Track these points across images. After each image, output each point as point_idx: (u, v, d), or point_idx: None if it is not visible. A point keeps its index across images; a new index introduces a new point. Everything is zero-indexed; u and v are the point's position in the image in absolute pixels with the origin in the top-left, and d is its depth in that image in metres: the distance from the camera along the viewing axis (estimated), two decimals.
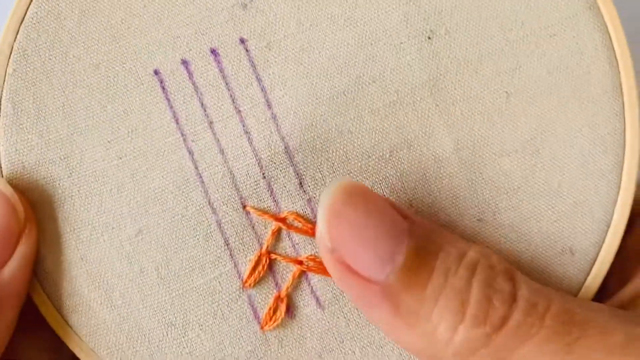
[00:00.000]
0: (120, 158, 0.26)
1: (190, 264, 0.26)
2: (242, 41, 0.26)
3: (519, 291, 0.23)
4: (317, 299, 0.26)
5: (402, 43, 0.26)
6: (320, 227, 0.23)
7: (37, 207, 0.26)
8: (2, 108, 0.26)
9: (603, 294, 0.27)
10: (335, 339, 0.26)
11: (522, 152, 0.26)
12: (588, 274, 0.26)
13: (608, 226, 0.26)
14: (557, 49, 0.26)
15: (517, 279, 0.24)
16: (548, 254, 0.26)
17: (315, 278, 0.26)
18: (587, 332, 0.23)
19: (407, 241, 0.23)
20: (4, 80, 0.26)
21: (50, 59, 0.26)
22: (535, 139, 0.26)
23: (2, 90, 0.26)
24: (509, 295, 0.23)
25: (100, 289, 0.26)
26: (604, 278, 0.27)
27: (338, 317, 0.26)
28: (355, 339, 0.26)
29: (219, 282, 0.26)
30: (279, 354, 0.26)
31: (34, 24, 0.26)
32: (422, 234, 0.24)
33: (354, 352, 0.26)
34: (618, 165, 0.26)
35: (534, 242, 0.26)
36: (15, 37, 0.26)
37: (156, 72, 0.26)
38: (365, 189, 0.24)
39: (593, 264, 0.26)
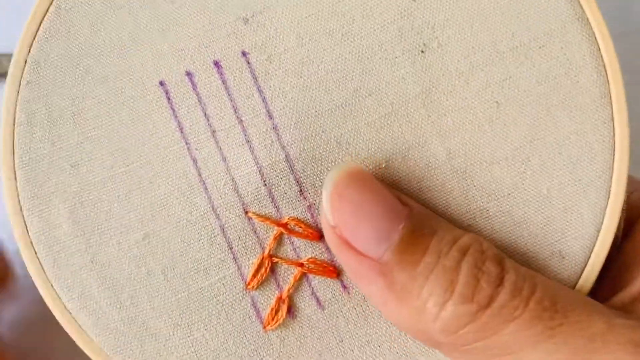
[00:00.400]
0: (128, 165, 0.27)
1: (195, 267, 0.27)
2: (244, 54, 0.27)
3: (506, 274, 0.24)
4: (318, 300, 0.27)
5: (396, 57, 0.27)
6: (324, 204, 0.25)
7: (50, 213, 0.27)
8: (16, 117, 0.27)
9: (595, 298, 0.28)
10: (335, 338, 0.27)
11: (512, 160, 0.27)
12: (579, 278, 0.27)
13: (598, 231, 0.27)
14: (546, 59, 0.27)
15: (505, 264, 0.25)
16: (538, 257, 0.27)
17: (315, 280, 0.27)
18: (568, 318, 0.24)
19: (405, 222, 0.25)
20: (19, 92, 0.27)
21: (61, 71, 0.27)
22: (524, 146, 0.27)
23: (17, 101, 0.27)
24: (496, 278, 0.24)
25: (109, 290, 0.27)
26: (595, 281, 0.28)
27: (337, 317, 0.27)
28: (354, 337, 0.28)
29: (223, 284, 0.27)
30: (280, 353, 0.27)
31: (47, 37, 0.27)
32: (419, 218, 0.25)
33: (352, 350, 0.28)
34: (607, 171, 0.27)
35: (525, 246, 0.27)
36: (29, 50, 0.27)
37: (162, 83, 0.27)
38: (367, 174, 0.26)
39: (584, 267, 0.27)
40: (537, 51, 0.27)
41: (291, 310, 0.27)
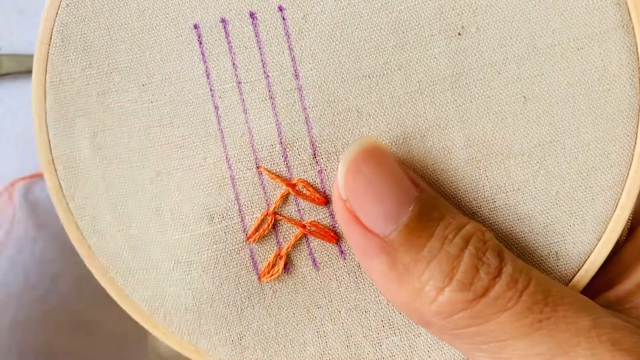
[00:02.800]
0: (152, 102, 0.28)
1: (200, 212, 0.28)
2: (281, 9, 0.27)
3: (504, 267, 0.25)
4: (314, 260, 0.28)
5: (432, 35, 0.27)
6: (339, 177, 0.26)
7: (72, 135, 0.28)
8: (52, 39, 0.28)
9: (587, 291, 0.28)
10: (325, 297, 0.29)
11: (528, 157, 0.27)
12: (569, 281, 0.28)
13: (598, 240, 0.27)
14: (581, 62, 0.27)
15: (505, 256, 0.26)
16: (534, 255, 0.28)
17: (315, 242, 0.28)
18: (557, 313, 0.25)
19: (414, 205, 0.25)
20: (57, 13, 0.28)
21: (100, 1, 0.27)
22: (543, 145, 0.27)
23: (54, 22, 0.28)
24: (495, 269, 0.25)
25: (120, 218, 0.28)
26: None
27: (331, 279, 0.29)
28: (343, 300, 0.29)
29: (225, 232, 0.28)
30: (271, 303, 0.29)
31: None
32: (428, 202, 0.26)
33: (339, 311, 0.29)
34: (619, 183, 0.27)
35: (524, 242, 0.28)
36: None
37: (196, 27, 0.27)
38: (386, 152, 0.26)
39: (577, 272, 0.28)
40: (574, 52, 0.27)
41: (287, 267, 0.28)
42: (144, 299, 0.29)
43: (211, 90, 0.28)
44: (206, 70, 0.28)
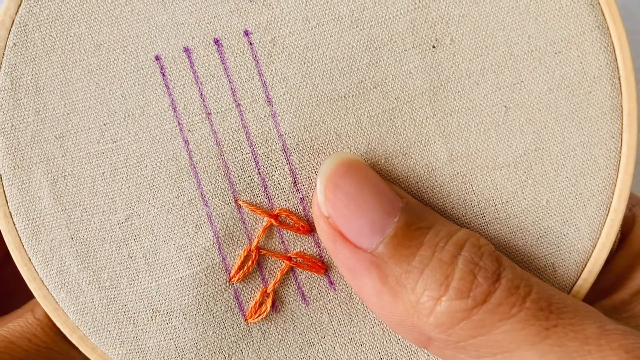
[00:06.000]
0: (115, 142, 0.26)
1: (178, 254, 0.26)
2: (247, 34, 0.26)
3: (503, 271, 0.24)
4: (303, 295, 0.27)
5: (406, 50, 0.26)
6: (319, 194, 0.25)
7: (30, 184, 0.26)
8: (1, 82, 0.26)
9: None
10: (317, 334, 0.27)
11: (515, 167, 0.26)
12: (569, 292, 0.27)
13: (594, 246, 0.27)
14: (560, 66, 0.26)
15: (502, 261, 0.24)
16: (531, 268, 0.27)
17: (302, 274, 0.27)
18: (563, 320, 0.24)
19: (400, 215, 0.24)
20: (3, 54, 0.26)
21: (51, 35, 0.26)
22: (528, 154, 0.26)
23: (1, 64, 0.26)
24: (493, 274, 0.24)
25: (89, 270, 0.26)
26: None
27: (322, 313, 0.27)
28: (337, 335, 0.27)
29: (206, 274, 0.26)
30: (261, 346, 0.27)
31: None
32: (415, 212, 0.25)
33: (334, 347, 0.27)
34: (609, 186, 0.27)
35: (518, 255, 0.27)
36: (17, 10, 0.26)
37: (157, 58, 0.26)
38: (363, 164, 0.25)
39: (575, 282, 0.27)
40: (552, 57, 0.26)
41: (275, 304, 0.27)
42: (121, 355, 0.26)
43: (179, 124, 0.26)
44: (172, 104, 0.26)
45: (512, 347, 0.23)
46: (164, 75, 0.26)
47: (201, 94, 0.26)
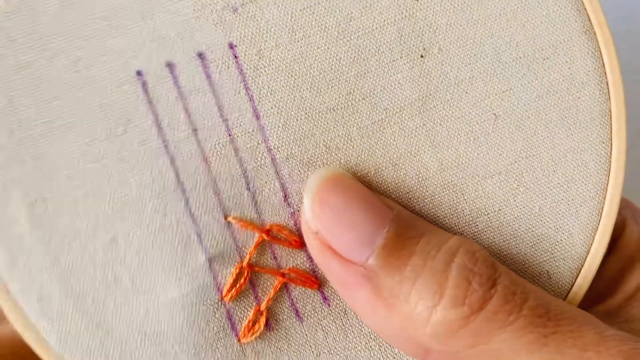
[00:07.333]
0: (97, 161, 0.25)
1: (167, 275, 0.25)
2: (231, 46, 0.25)
3: (499, 277, 0.24)
4: (297, 311, 0.26)
5: (394, 60, 0.26)
6: (306, 210, 0.24)
7: (6, 207, 0.25)
8: None
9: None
10: (312, 352, 0.26)
11: (506, 175, 0.26)
12: (564, 298, 0.27)
13: (587, 252, 0.27)
14: (548, 73, 0.26)
15: (497, 266, 0.24)
16: (525, 276, 0.26)
17: (296, 290, 0.26)
18: (561, 327, 0.23)
19: (389, 226, 0.24)
20: None
21: (25, 52, 0.25)
22: (519, 162, 0.26)
23: None
24: (488, 279, 0.23)
25: (72, 295, 0.25)
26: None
27: (316, 330, 0.26)
28: (332, 352, 0.26)
29: (197, 295, 0.25)
30: None
31: (9, 13, 0.24)
32: (405, 222, 0.25)
33: None
34: (601, 191, 0.27)
35: (512, 264, 0.26)
36: None
37: (139, 74, 0.25)
38: (349, 178, 0.25)
39: (570, 288, 0.27)
40: (540, 63, 0.26)
41: (269, 322, 0.26)
42: None
43: (164, 141, 0.25)
44: (156, 120, 0.25)
45: (510, 356, 0.23)
46: (145, 91, 0.25)
47: (186, 110, 0.25)
